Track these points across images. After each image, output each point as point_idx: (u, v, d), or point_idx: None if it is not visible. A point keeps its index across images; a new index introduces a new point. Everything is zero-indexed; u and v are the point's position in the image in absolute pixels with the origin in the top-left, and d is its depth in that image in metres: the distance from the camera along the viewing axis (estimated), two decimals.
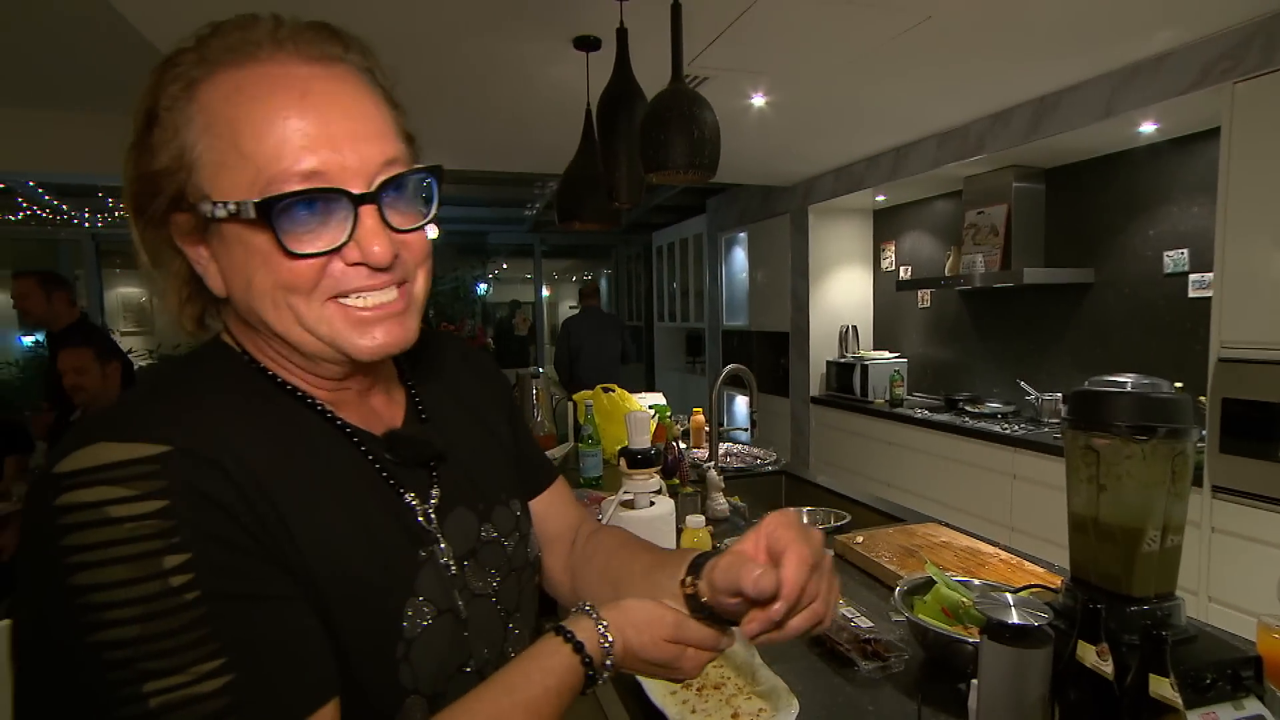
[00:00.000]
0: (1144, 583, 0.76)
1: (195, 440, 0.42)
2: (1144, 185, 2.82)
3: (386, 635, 0.48)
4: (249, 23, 0.46)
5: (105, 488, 0.38)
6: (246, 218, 0.44)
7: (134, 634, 0.37)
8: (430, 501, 0.55)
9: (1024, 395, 3.19)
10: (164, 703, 0.36)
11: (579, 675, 0.51)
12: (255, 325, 0.49)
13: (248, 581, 0.41)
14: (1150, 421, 0.74)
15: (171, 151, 0.44)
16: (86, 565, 0.37)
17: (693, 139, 1.45)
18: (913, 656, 1.02)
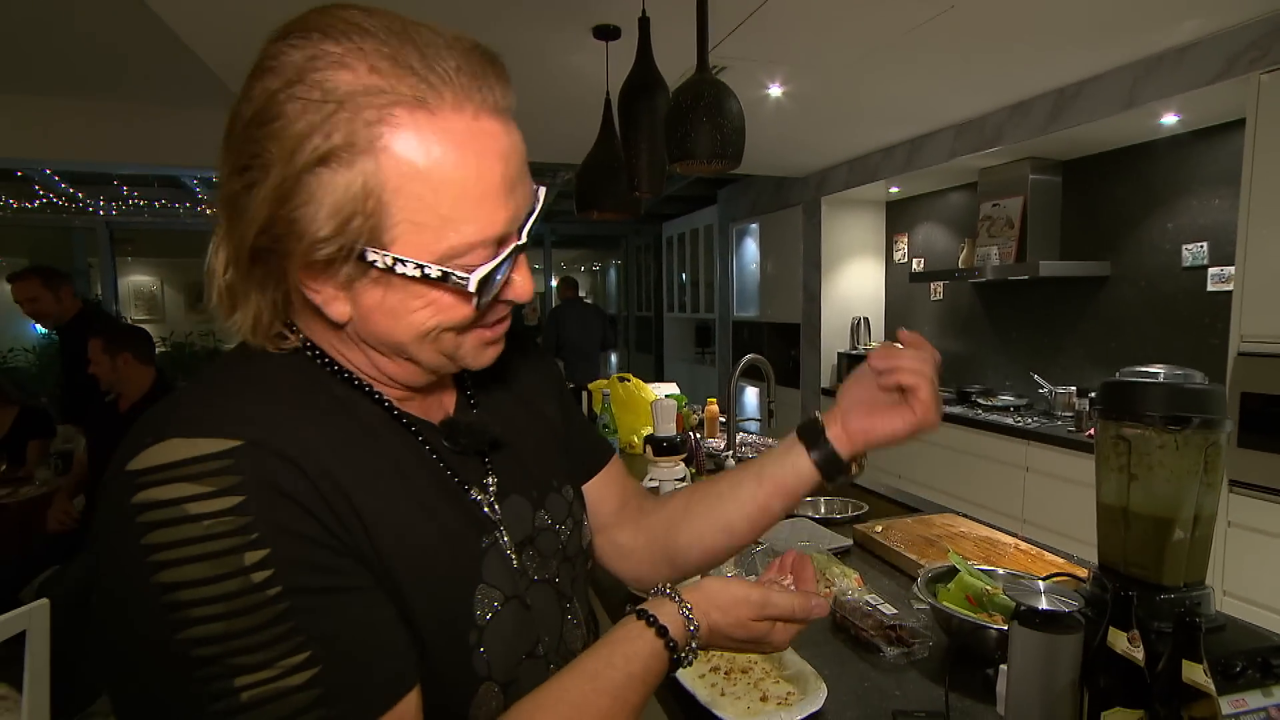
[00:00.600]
0: (1174, 571, 0.77)
1: (266, 434, 0.41)
2: (1163, 178, 2.80)
3: (460, 623, 0.48)
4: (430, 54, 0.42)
5: (181, 484, 0.38)
6: (453, 283, 0.44)
7: (219, 631, 0.37)
8: (489, 491, 0.56)
9: (1037, 388, 3.19)
10: (255, 696, 0.37)
11: (663, 660, 0.51)
12: (376, 348, 0.49)
13: (326, 574, 0.41)
14: (1184, 412, 0.75)
15: (350, 200, 0.41)
16: (168, 564, 0.37)
17: (718, 129, 1.45)
18: (936, 643, 1.03)
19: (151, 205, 5.99)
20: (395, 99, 0.41)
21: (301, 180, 0.41)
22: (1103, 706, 0.71)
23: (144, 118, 3.45)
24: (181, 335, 7.34)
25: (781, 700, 0.91)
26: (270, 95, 0.41)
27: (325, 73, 0.40)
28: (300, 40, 0.41)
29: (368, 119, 0.40)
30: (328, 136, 0.40)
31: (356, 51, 0.41)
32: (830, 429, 0.65)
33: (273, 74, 0.41)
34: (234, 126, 0.43)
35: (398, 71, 0.41)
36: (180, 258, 7.54)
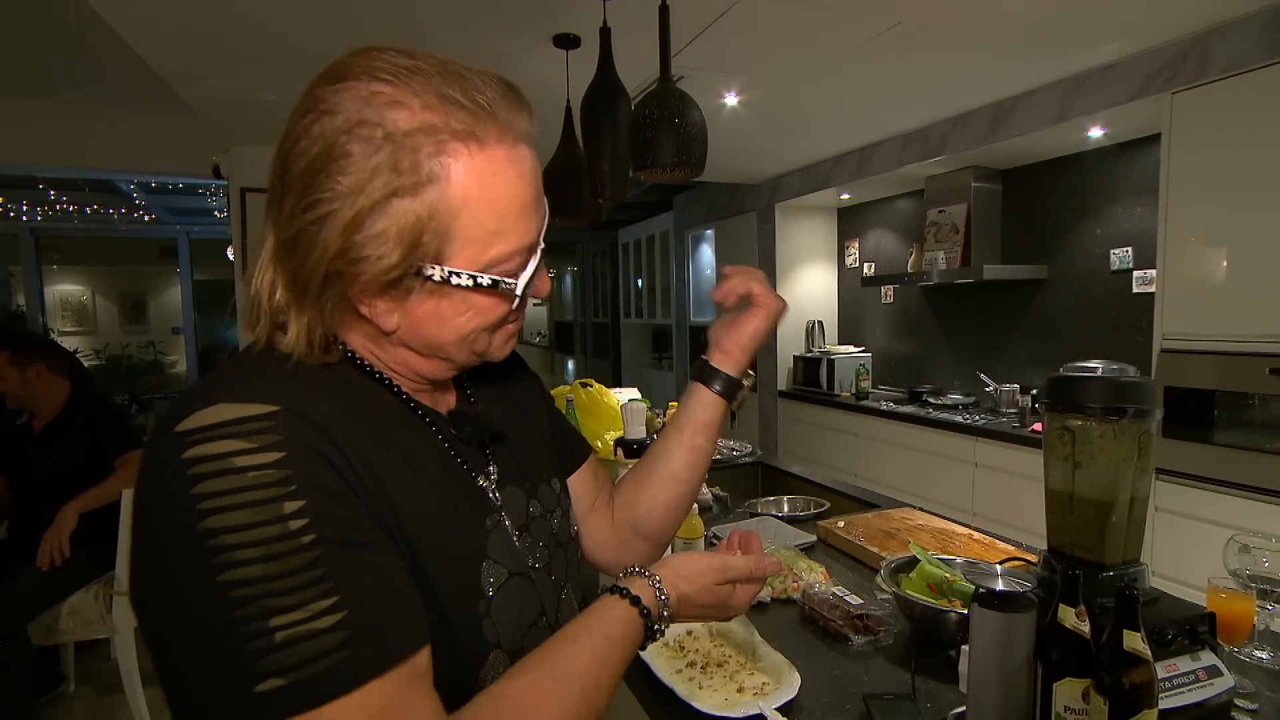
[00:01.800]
0: (1114, 550, 0.84)
1: (299, 404, 0.46)
2: (1092, 186, 2.99)
3: (470, 593, 0.53)
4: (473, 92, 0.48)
5: (228, 441, 0.42)
6: (505, 289, 0.51)
7: (258, 573, 0.40)
8: (491, 479, 0.61)
9: (983, 387, 3.34)
10: (287, 636, 0.40)
11: (638, 626, 0.56)
12: (416, 350, 0.54)
13: (353, 530, 0.44)
14: (1120, 403, 0.82)
15: (418, 227, 0.47)
16: (214, 511, 0.41)
17: (682, 138, 1.49)
18: (901, 630, 1.09)
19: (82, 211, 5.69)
20: (450, 134, 0.47)
21: (374, 211, 0.46)
22: (1055, 678, 0.77)
23: (75, 118, 3.29)
24: (118, 348, 6.96)
25: (758, 690, 0.94)
26: (333, 136, 0.45)
27: (383, 112, 0.45)
28: (352, 83, 0.46)
29: (428, 153, 0.46)
30: (396, 172, 0.45)
31: (407, 91, 0.46)
32: (714, 359, 0.76)
33: (330, 115, 0.46)
34: (295, 164, 0.47)
35: (447, 107, 0.47)
36: (114, 265, 7.16)
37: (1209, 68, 2.17)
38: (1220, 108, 2.13)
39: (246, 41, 2.18)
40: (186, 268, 6.67)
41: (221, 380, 0.47)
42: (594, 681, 0.51)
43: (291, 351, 0.50)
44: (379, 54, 0.48)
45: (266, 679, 0.39)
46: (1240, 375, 2.09)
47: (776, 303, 0.75)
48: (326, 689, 0.40)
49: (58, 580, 2.09)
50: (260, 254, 0.51)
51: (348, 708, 0.40)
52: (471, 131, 0.47)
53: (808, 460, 4.12)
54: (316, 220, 0.46)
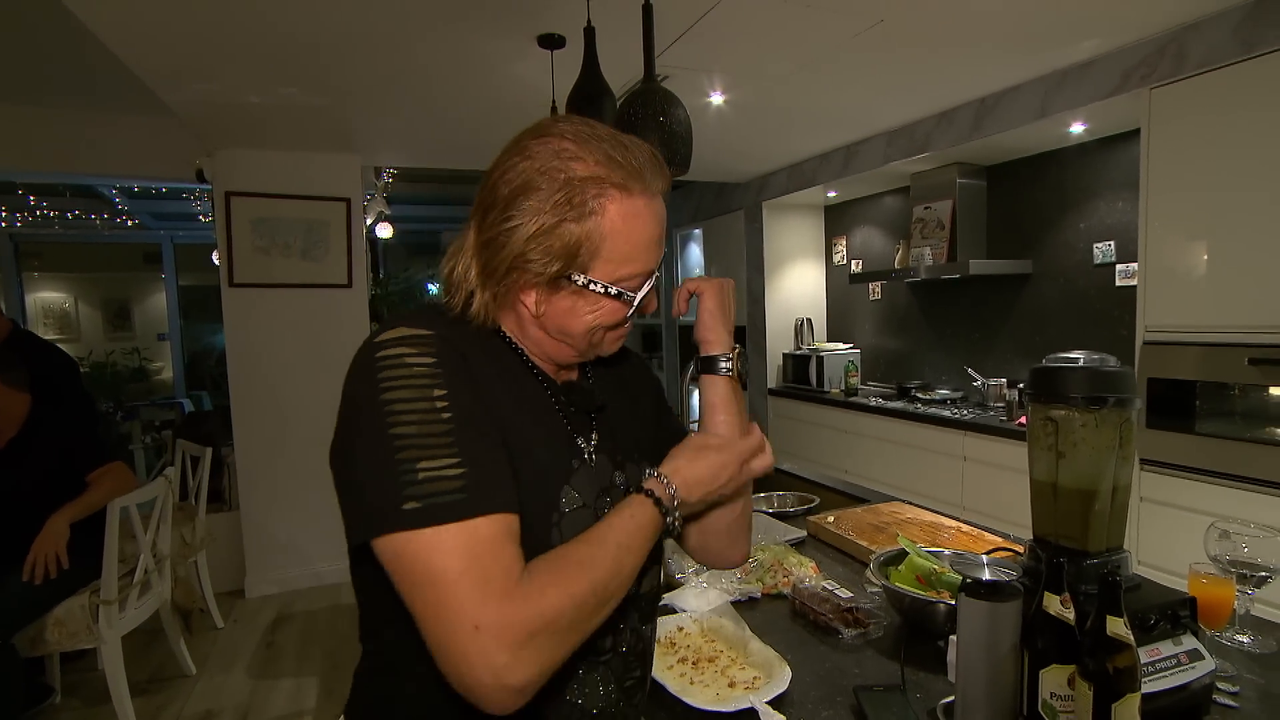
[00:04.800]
0: (1098, 538, 0.85)
1: (450, 335, 0.66)
2: (1074, 182, 3.02)
3: (547, 504, 0.68)
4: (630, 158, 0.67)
5: (404, 347, 0.63)
6: (626, 299, 0.70)
7: (413, 431, 0.59)
8: (591, 442, 0.76)
9: (971, 381, 3.37)
10: (426, 476, 0.58)
11: (651, 510, 0.69)
12: (551, 334, 0.72)
13: (478, 419, 0.62)
14: (1100, 392, 0.83)
15: (574, 244, 0.66)
16: (391, 387, 0.60)
17: (667, 137, 1.49)
18: (890, 622, 1.10)
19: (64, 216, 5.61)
20: (610, 184, 0.66)
21: (549, 229, 0.65)
22: (1041, 665, 0.78)
23: (55, 123, 3.25)
24: (102, 355, 6.87)
25: (749, 685, 0.95)
26: (530, 173, 0.65)
27: (568, 163, 0.65)
28: (548, 139, 0.66)
29: (593, 195, 0.66)
30: (570, 204, 0.65)
31: (585, 149, 0.66)
32: (700, 351, 0.86)
33: (530, 159, 0.66)
34: (501, 189, 0.67)
35: (611, 165, 0.66)
36: (97, 272, 7.06)
37: (1185, 63, 2.20)
38: (1197, 102, 2.16)
39: (228, 43, 2.17)
40: (171, 273, 6.60)
41: (408, 316, 0.67)
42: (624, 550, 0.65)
43: (474, 316, 0.69)
44: (570, 120, 0.69)
45: (410, 501, 0.57)
46: (1221, 366, 2.12)
47: (712, 282, 0.84)
48: (444, 514, 0.57)
49: (43, 591, 2.06)
50: (460, 243, 0.71)
51: (455, 532, 0.57)
52: (625, 184, 0.67)
53: (798, 457, 4.14)
54: (510, 230, 0.66)
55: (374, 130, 3.17)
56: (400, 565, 0.58)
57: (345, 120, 2.99)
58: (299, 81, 2.52)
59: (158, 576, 2.47)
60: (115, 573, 2.16)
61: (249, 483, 3.41)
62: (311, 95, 2.67)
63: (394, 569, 0.58)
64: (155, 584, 2.45)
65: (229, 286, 3.32)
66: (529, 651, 0.56)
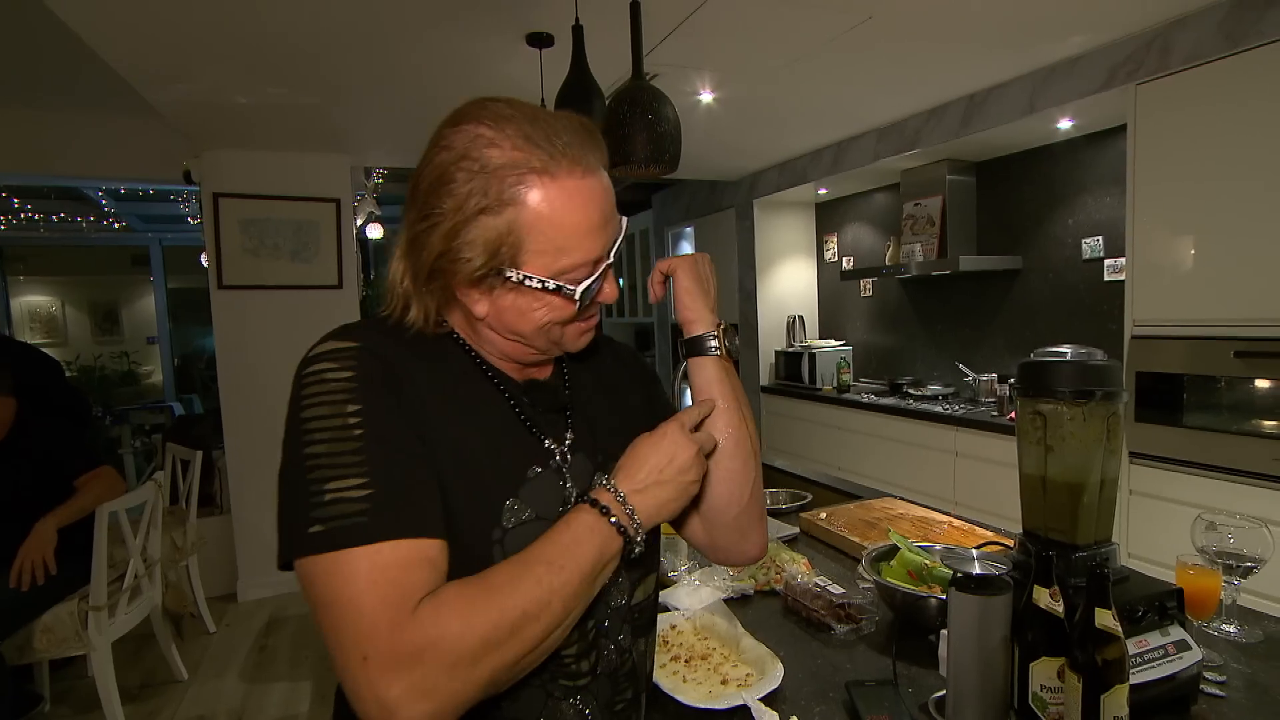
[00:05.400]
0: (1086, 531, 0.86)
1: (377, 345, 0.62)
2: (1063, 177, 3.04)
3: (486, 519, 0.63)
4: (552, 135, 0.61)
5: (326, 362, 0.60)
6: (566, 293, 0.64)
7: (324, 450, 0.56)
8: (565, 442, 0.72)
9: (962, 377, 3.39)
10: (332, 498, 0.55)
11: (594, 517, 0.63)
12: (504, 335, 0.68)
13: (394, 434, 0.59)
14: (1088, 386, 0.84)
15: (499, 238, 0.61)
16: (309, 404, 0.59)
17: (656, 134, 1.49)
18: (882, 617, 1.10)
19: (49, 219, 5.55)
20: (529, 168, 0.60)
21: (467, 224, 0.61)
22: (1031, 657, 0.78)
23: (39, 124, 3.21)
24: (90, 359, 6.81)
25: (741, 682, 0.95)
26: (445, 166, 0.61)
27: (482, 150, 0.60)
28: (463, 126, 0.61)
29: (511, 182, 0.60)
30: (485, 195, 0.60)
31: (503, 135, 0.61)
32: (685, 334, 0.81)
33: (446, 150, 0.61)
34: (419, 186, 0.63)
35: (530, 148, 0.61)
36: (84, 275, 7.00)
37: (1171, 59, 2.22)
38: (1183, 98, 2.18)
39: (215, 42, 2.15)
40: (160, 276, 6.54)
41: (344, 328, 0.65)
42: (554, 568, 0.59)
43: (413, 323, 0.65)
44: (488, 104, 0.63)
45: (315, 524, 0.55)
46: (1207, 359, 2.14)
47: (684, 258, 0.81)
48: (344, 538, 0.54)
49: (30, 598, 2.04)
50: (397, 249, 0.66)
51: (358, 557, 0.54)
52: (546, 168, 0.61)
53: (791, 454, 4.15)
54: (428, 228, 0.61)
55: (363, 130, 3.15)
56: (306, 591, 0.55)
57: (334, 120, 2.97)
58: (287, 82, 2.50)
59: (148, 581, 2.45)
60: (105, 578, 2.14)
61: (240, 486, 3.39)
62: (300, 95, 2.65)
63: (304, 594, 0.56)
64: (146, 589, 2.44)
65: (218, 289, 3.29)
66: (420, 686, 0.51)
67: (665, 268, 0.80)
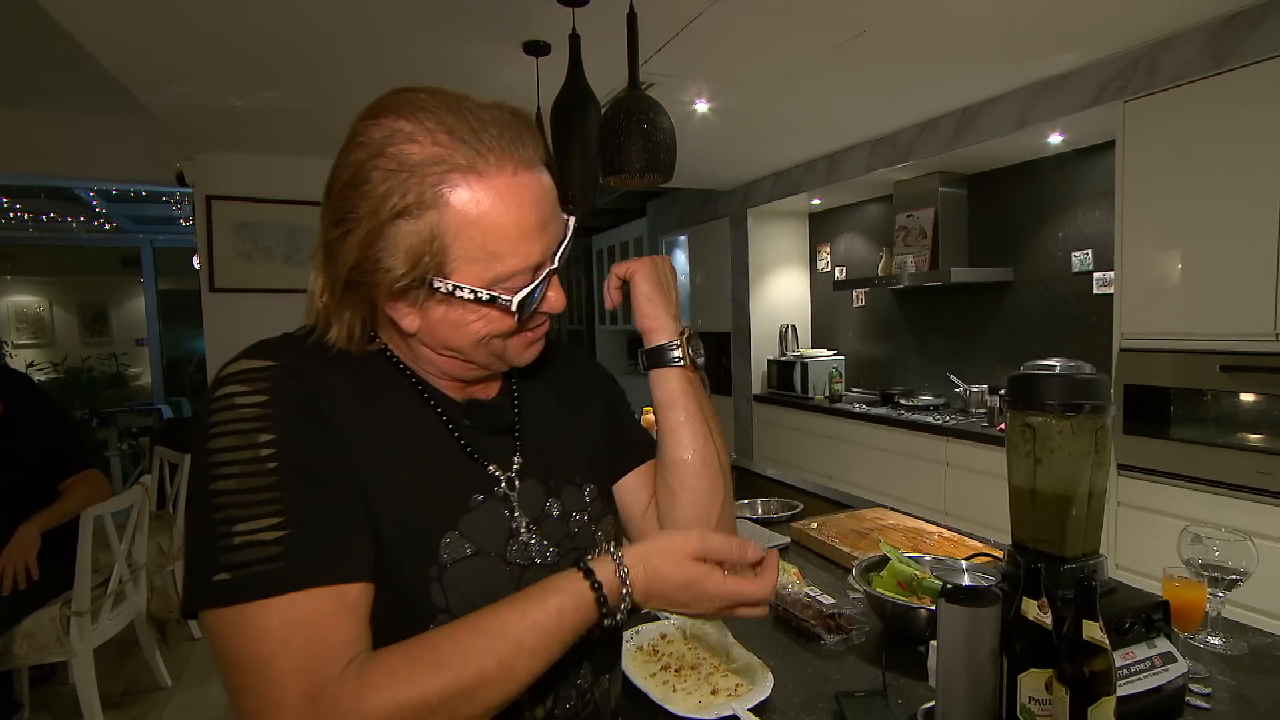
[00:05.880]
0: (1074, 543, 0.86)
1: (296, 364, 0.56)
2: (1053, 191, 3.07)
3: (422, 554, 0.57)
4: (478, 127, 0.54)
5: (236, 384, 0.53)
6: (503, 304, 0.57)
7: (233, 486, 0.50)
8: (512, 468, 0.65)
9: (953, 388, 3.40)
10: (242, 541, 0.49)
11: (589, 605, 0.55)
12: (439, 351, 0.61)
13: (314, 466, 0.52)
14: (1077, 399, 0.84)
15: (420, 243, 0.54)
16: (216, 434, 0.52)
17: (651, 144, 1.50)
18: (872, 628, 1.10)
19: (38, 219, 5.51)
20: (452, 166, 0.53)
21: (384, 230, 0.53)
22: (1019, 669, 0.78)
23: (31, 124, 3.19)
24: (78, 360, 6.74)
25: (731, 692, 0.94)
26: (360, 165, 0.54)
27: (400, 146, 0.53)
28: (381, 119, 0.54)
29: (432, 182, 0.53)
30: (403, 197, 0.53)
31: (423, 129, 0.54)
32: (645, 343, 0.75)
33: (361, 148, 0.54)
34: (333, 187, 0.56)
35: (454, 143, 0.53)
36: (72, 276, 6.94)
37: (1158, 77, 2.26)
38: (1169, 115, 2.21)
39: (210, 44, 2.15)
40: (151, 277, 6.50)
41: (255, 346, 0.58)
42: (522, 650, 0.52)
43: (337, 339, 0.59)
44: (408, 94, 0.56)
45: (221, 571, 0.48)
46: (1194, 373, 2.16)
47: (642, 261, 0.74)
48: (256, 590, 0.48)
49: (11, 603, 2.01)
50: (312, 260, 0.61)
51: (269, 610, 0.48)
52: (472, 165, 0.54)
53: (782, 463, 4.14)
54: (342, 235, 0.55)
55: None
56: (212, 648, 0.49)
57: (329, 124, 2.97)
58: (282, 85, 2.50)
59: (133, 586, 2.41)
60: (88, 583, 2.11)
61: None
62: (295, 100, 2.65)
63: (211, 647, 0.49)
64: (130, 594, 2.40)
65: (209, 291, 3.28)
66: None
67: (623, 271, 0.74)
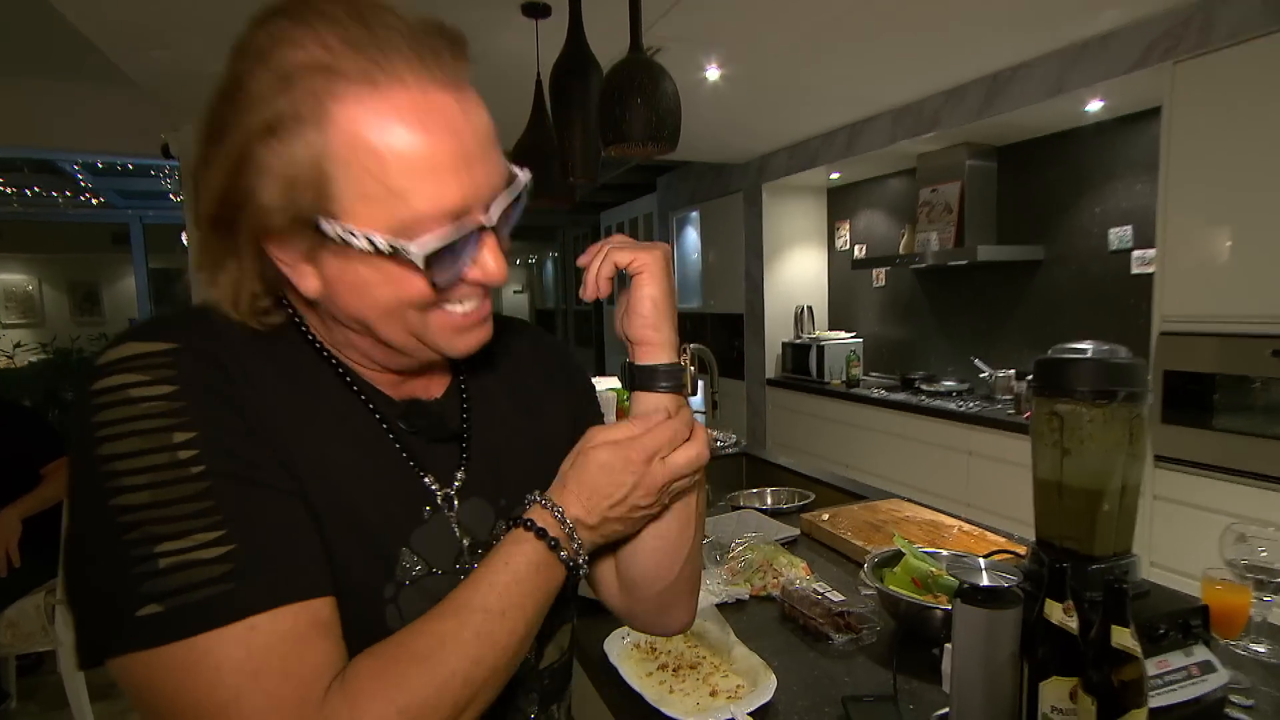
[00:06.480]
0: (1104, 542, 0.83)
1: (205, 345, 0.48)
2: (1091, 163, 2.98)
3: (376, 572, 0.52)
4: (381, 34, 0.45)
5: (128, 374, 0.45)
6: (403, 257, 0.46)
7: (145, 499, 0.43)
8: (454, 484, 0.59)
9: (978, 373, 3.35)
10: (171, 564, 0.42)
11: (531, 542, 0.52)
12: (347, 325, 0.52)
13: (250, 467, 0.46)
14: (1110, 386, 0.80)
15: (297, 171, 0.45)
16: (109, 438, 0.44)
17: (653, 111, 1.46)
18: (884, 627, 1.08)
19: (23, 194, 5.54)
20: (340, 75, 0.44)
21: (253, 150, 0.45)
22: (1041, 676, 0.75)
23: (9, 93, 3.19)
24: (67, 340, 6.82)
25: (731, 694, 0.93)
26: (238, 73, 0.46)
27: (282, 51, 0.44)
28: (268, 23, 0.46)
29: (312, 91, 0.44)
30: (273, 108, 0.44)
31: (312, 33, 0.45)
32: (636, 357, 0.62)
33: (243, 54, 0.46)
34: (210, 102, 0.48)
35: (346, 50, 0.44)
36: (61, 253, 7.00)
37: (1213, 35, 2.16)
38: (1224, 78, 2.12)
39: (193, 7, 2.11)
40: (141, 255, 6.52)
41: (144, 324, 0.50)
42: (491, 614, 0.50)
43: (226, 309, 0.50)
44: None
45: (146, 604, 0.41)
46: (1241, 358, 2.10)
47: (653, 254, 0.59)
48: (202, 619, 0.41)
49: None
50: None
51: (226, 641, 0.41)
52: (368, 74, 0.44)
53: (796, 450, 4.12)
54: (209, 156, 0.46)
55: None
56: (143, 700, 0.42)
57: None
58: None
59: None
60: None
61: None
62: None
63: (135, 703, 0.42)
64: None
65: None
66: None
67: (625, 262, 0.59)
